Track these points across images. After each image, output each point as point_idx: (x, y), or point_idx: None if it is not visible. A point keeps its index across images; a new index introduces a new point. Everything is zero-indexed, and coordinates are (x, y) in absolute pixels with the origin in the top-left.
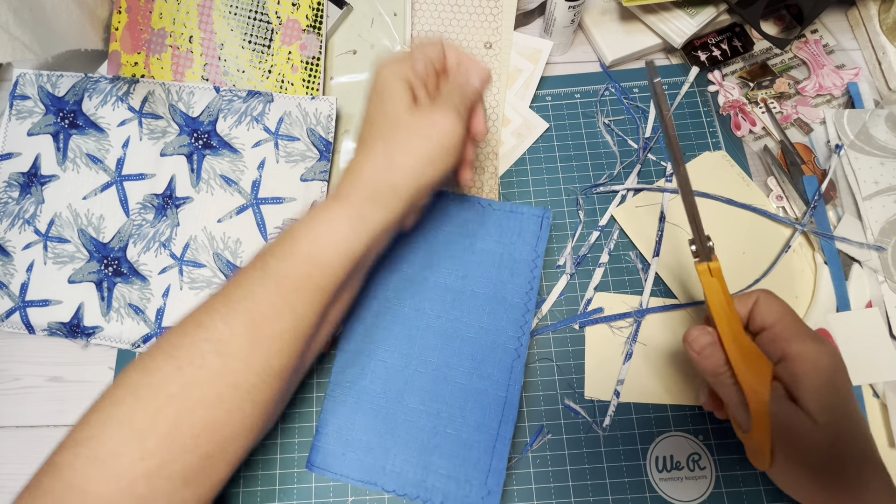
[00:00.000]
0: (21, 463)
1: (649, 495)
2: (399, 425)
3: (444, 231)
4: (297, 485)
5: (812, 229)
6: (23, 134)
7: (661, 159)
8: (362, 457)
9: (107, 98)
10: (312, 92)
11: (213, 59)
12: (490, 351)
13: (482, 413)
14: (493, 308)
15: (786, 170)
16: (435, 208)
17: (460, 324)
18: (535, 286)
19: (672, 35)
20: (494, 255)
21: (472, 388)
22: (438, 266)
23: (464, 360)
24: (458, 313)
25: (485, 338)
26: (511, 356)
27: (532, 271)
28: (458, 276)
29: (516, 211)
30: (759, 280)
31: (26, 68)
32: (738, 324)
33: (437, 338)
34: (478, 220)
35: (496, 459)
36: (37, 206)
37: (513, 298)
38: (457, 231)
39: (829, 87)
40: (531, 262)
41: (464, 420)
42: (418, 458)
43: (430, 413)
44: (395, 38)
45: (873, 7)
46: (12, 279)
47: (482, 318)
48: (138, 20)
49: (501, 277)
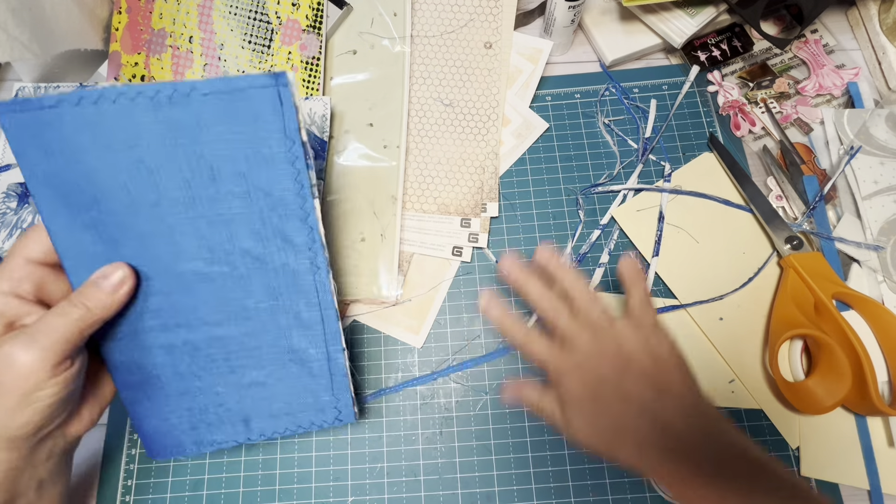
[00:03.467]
0: None
1: (649, 495)
2: (219, 384)
3: (155, 149)
4: (297, 485)
5: (811, 229)
6: None
7: (660, 159)
8: (197, 424)
9: None
10: (312, 92)
11: (213, 59)
12: (282, 274)
13: (303, 340)
14: (263, 227)
15: (785, 170)
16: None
17: (234, 258)
18: (304, 181)
19: (672, 35)
20: (236, 158)
21: (281, 322)
22: (165, 196)
23: (259, 296)
24: (225, 247)
25: (269, 262)
26: (309, 272)
27: (293, 163)
28: (203, 202)
29: (236, 88)
30: (753, 277)
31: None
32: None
33: (215, 284)
34: (193, 121)
35: (336, 374)
36: (34, 216)
37: (284, 207)
38: (172, 145)
39: (829, 86)
40: (286, 150)
41: (286, 354)
42: (257, 403)
43: (249, 362)
44: (395, 37)
45: (873, 7)
46: None
47: (255, 242)
48: (138, 20)
49: (257, 183)
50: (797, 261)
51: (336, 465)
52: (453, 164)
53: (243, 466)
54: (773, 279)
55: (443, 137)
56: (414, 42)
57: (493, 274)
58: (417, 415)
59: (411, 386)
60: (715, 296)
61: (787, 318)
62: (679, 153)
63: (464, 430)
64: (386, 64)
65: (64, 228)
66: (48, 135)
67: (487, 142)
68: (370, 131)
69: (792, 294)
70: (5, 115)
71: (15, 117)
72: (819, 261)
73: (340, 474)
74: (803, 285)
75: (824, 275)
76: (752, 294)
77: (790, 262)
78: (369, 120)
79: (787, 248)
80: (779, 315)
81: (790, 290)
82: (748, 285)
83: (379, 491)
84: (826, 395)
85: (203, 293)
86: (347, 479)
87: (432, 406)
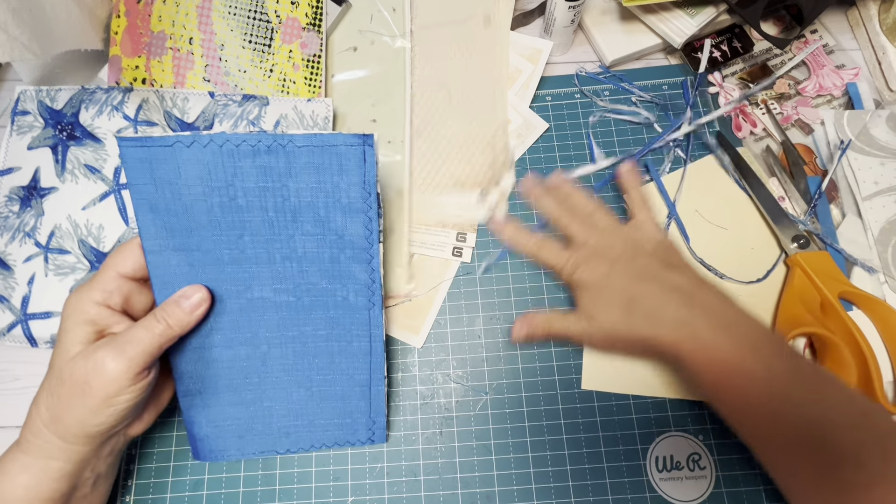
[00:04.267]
0: None
1: (649, 495)
2: (271, 397)
3: (248, 190)
4: (297, 485)
5: (814, 229)
6: (23, 148)
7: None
8: (244, 433)
9: (102, 108)
10: (315, 90)
11: (213, 59)
12: (341, 308)
13: (350, 367)
14: (332, 266)
15: (788, 170)
16: (224, 166)
17: (301, 290)
18: (374, 228)
19: (672, 35)
20: (317, 205)
21: (333, 349)
22: (248, 230)
23: (317, 325)
24: (295, 280)
25: (332, 296)
26: (365, 308)
27: (367, 213)
28: (282, 239)
29: (329, 143)
30: (763, 278)
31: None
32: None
33: (280, 311)
34: (285, 168)
35: (375, 400)
36: (37, 219)
37: (353, 249)
38: (262, 188)
39: (829, 87)
40: (362, 199)
41: (334, 377)
42: (301, 419)
43: (299, 381)
44: (395, 33)
45: (873, 7)
46: (13, 292)
47: (322, 278)
48: (137, 24)
49: (333, 227)
50: (804, 259)
51: (336, 465)
52: (464, 141)
53: (243, 466)
54: (778, 276)
55: (451, 117)
56: (413, 31)
57: (493, 274)
58: (417, 415)
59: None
60: None
61: (793, 317)
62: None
63: (464, 430)
64: (387, 60)
65: (157, 249)
66: (160, 169)
67: (495, 117)
68: (373, 127)
69: (798, 293)
70: (126, 148)
71: (134, 151)
72: (826, 260)
73: (340, 474)
74: (810, 284)
75: (831, 274)
76: (756, 288)
77: (797, 260)
78: (372, 116)
79: (794, 247)
80: (785, 313)
81: (797, 288)
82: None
83: (379, 491)
84: None
85: (267, 317)
86: (347, 479)
87: (432, 406)
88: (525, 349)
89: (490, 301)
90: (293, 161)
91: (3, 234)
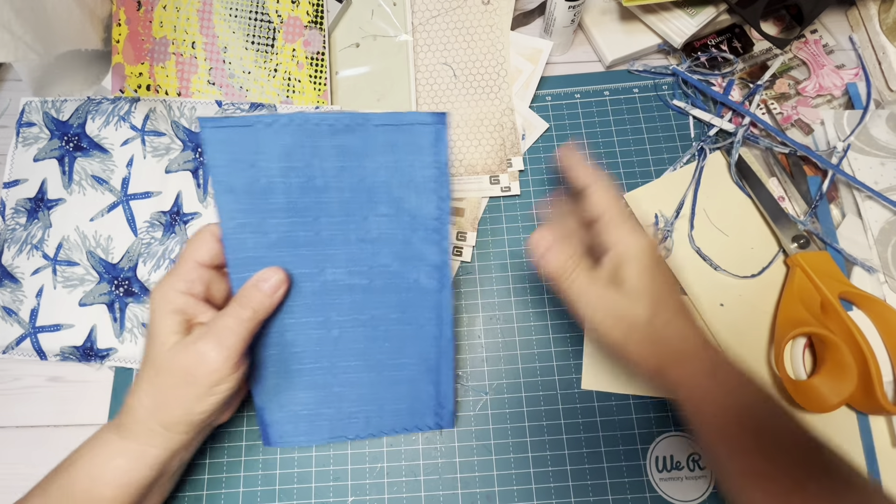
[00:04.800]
0: (21, 463)
1: (649, 495)
2: (342, 382)
3: (326, 170)
4: (297, 485)
5: (814, 229)
6: (29, 160)
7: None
8: (315, 419)
9: (109, 118)
10: (320, 87)
11: (217, 62)
12: (412, 291)
13: (420, 351)
14: (404, 248)
15: (788, 171)
16: (304, 146)
17: (374, 272)
18: (445, 209)
19: (672, 35)
20: (391, 185)
21: (404, 332)
22: (326, 207)
23: (388, 308)
24: (368, 262)
25: (403, 279)
26: (436, 290)
27: (439, 192)
28: (357, 220)
29: (405, 122)
30: (757, 274)
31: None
32: None
33: (353, 294)
34: (362, 148)
35: (443, 384)
36: (44, 231)
37: (425, 230)
38: (340, 168)
39: (829, 87)
40: (434, 179)
41: (404, 361)
42: (370, 404)
43: (370, 366)
44: (397, 27)
45: (873, 7)
46: (22, 305)
47: (394, 260)
48: (139, 31)
49: (406, 207)
50: (804, 259)
51: (336, 465)
52: (471, 125)
53: (243, 466)
54: (778, 276)
55: (457, 102)
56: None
57: (493, 275)
58: None
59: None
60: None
61: (793, 317)
62: (679, 153)
63: (464, 430)
64: (390, 54)
65: (235, 231)
66: (240, 150)
67: (501, 99)
68: None
69: (798, 292)
70: (207, 129)
71: (214, 132)
72: (826, 260)
73: (340, 474)
74: (810, 284)
75: (831, 274)
76: (755, 287)
77: (797, 260)
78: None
79: (794, 247)
80: (785, 313)
81: (797, 288)
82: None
83: (379, 491)
84: (831, 394)
85: (340, 301)
86: (347, 479)
87: None
88: (525, 349)
89: (490, 301)
90: (370, 140)
91: (10, 246)
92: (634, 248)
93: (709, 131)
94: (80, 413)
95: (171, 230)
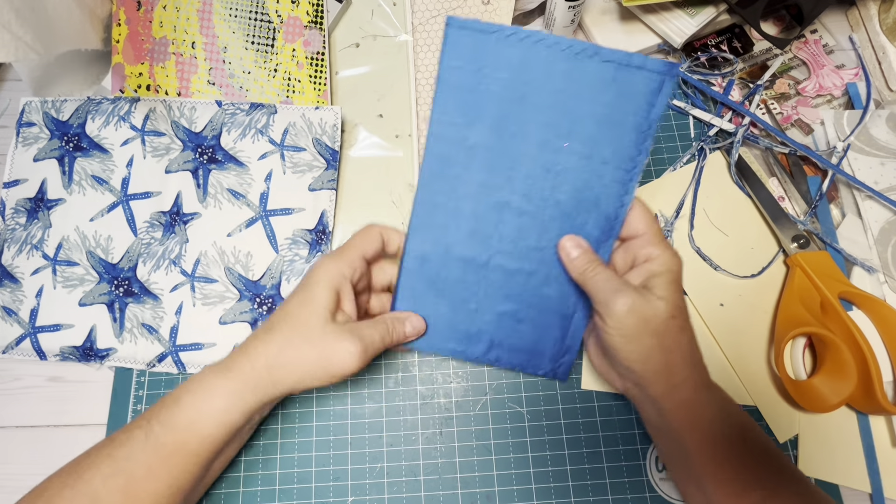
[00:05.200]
0: (21, 463)
1: (649, 495)
2: (480, 302)
3: (546, 91)
4: (297, 485)
5: (814, 229)
6: (29, 160)
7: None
8: (445, 329)
9: (109, 119)
10: (320, 87)
11: (217, 62)
12: (576, 234)
13: (560, 294)
14: (584, 191)
15: (788, 170)
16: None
17: (548, 204)
18: (636, 168)
19: (672, 35)
20: (598, 123)
21: (551, 272)
22: (527, 126)
23: (547, 243)
24: (544, 193)
25: (571, 220)
26: (599, 240)
27: (639, 144)
28: (550, 149)
29: (634, 64)
30: (757, 274)
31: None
32: None
33: (520, 219)
34: (586, 78)
35: (573, 334)
36: (44, 231)
37: (611, 180)
38: (558, 91)
39: (829, 87)
40: (642, 130)
41: (541, 302)
42: (498, 332)
43: (509, 295)
44: (397, 27)
45: (873, 7)
46: (21, 305)
47: (570, 199)
48: (139, 31)
49: (602, 150)
50: (804, 259)
51: (336, 465)
52: None
53: (243, 466)
54: (778, 275)
55: None
56: (415, 21)
57: None
58: (417, 415)
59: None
60: (720, 287)
61: (793, 317)
62: (679, 153)
63: (464, 430)
64: (390, 54)
65: (443, 126)
66: (476, 54)
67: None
68: (381, 122)
69: (798, 292)
70: (452, 27)
71: (458, 32)
72: (826, 260)
73: (340, 474)
74: (810, 284)
75: (831, 274)
76: (755, 286)
77: (797, 260)
78: (379, 111)
79: (794, 247)
80: (785, 313)
81: (797, 288)
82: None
83: (379, 491)
84: (831, 394)
85: (505, 225)
86: (347, 479)
87: (432, 406)
88: None
89: None
90: (594, 73)
91: (10, 246)
92: (669, 263)
93: (709, 131)
94: (80, 413)
95: (170, 230)
